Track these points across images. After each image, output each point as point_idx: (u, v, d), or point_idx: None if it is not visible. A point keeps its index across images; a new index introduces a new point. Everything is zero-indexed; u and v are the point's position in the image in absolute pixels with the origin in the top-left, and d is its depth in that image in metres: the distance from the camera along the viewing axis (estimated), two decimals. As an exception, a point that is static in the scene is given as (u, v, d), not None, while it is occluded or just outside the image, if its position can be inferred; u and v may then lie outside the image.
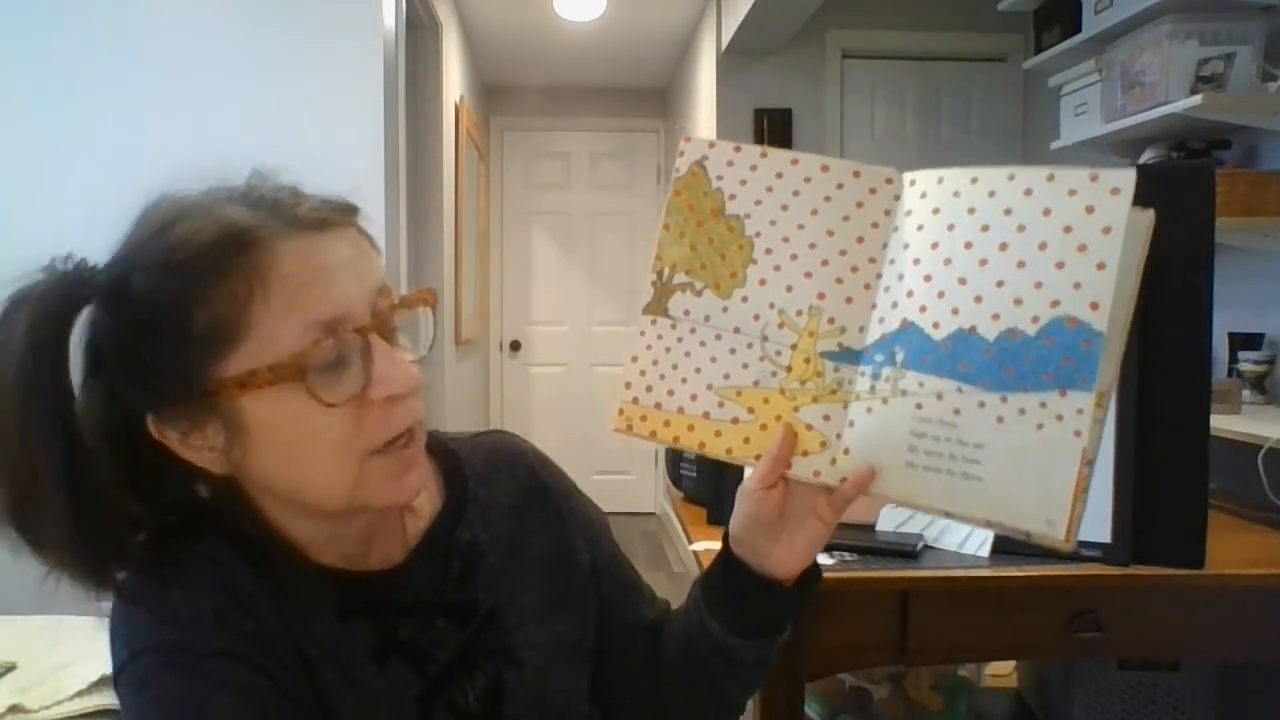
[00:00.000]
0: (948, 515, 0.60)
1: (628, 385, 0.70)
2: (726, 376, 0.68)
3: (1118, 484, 1.08)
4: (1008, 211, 0.59)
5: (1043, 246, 0.57)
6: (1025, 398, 0.57)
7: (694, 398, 0.68)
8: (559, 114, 5.28)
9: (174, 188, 0.62)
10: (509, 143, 5.34)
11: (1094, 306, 0.56)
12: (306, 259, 0.59)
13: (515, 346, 5.36)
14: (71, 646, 1.78)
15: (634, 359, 0.71)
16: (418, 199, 3.32)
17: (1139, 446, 1.07)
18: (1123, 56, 2.35)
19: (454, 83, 3.80)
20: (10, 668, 1.68)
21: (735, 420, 0.67)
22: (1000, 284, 0.58)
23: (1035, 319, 0.57)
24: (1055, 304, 0.57)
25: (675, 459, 1.60)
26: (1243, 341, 2.20)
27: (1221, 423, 1.72)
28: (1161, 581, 1.10)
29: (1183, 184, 1.06)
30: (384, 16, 2.49)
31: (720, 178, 0.69)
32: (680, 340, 0.69)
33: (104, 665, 1.68)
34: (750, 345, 0.67)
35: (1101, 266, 0.56)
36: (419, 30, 3.27)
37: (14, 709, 1.56)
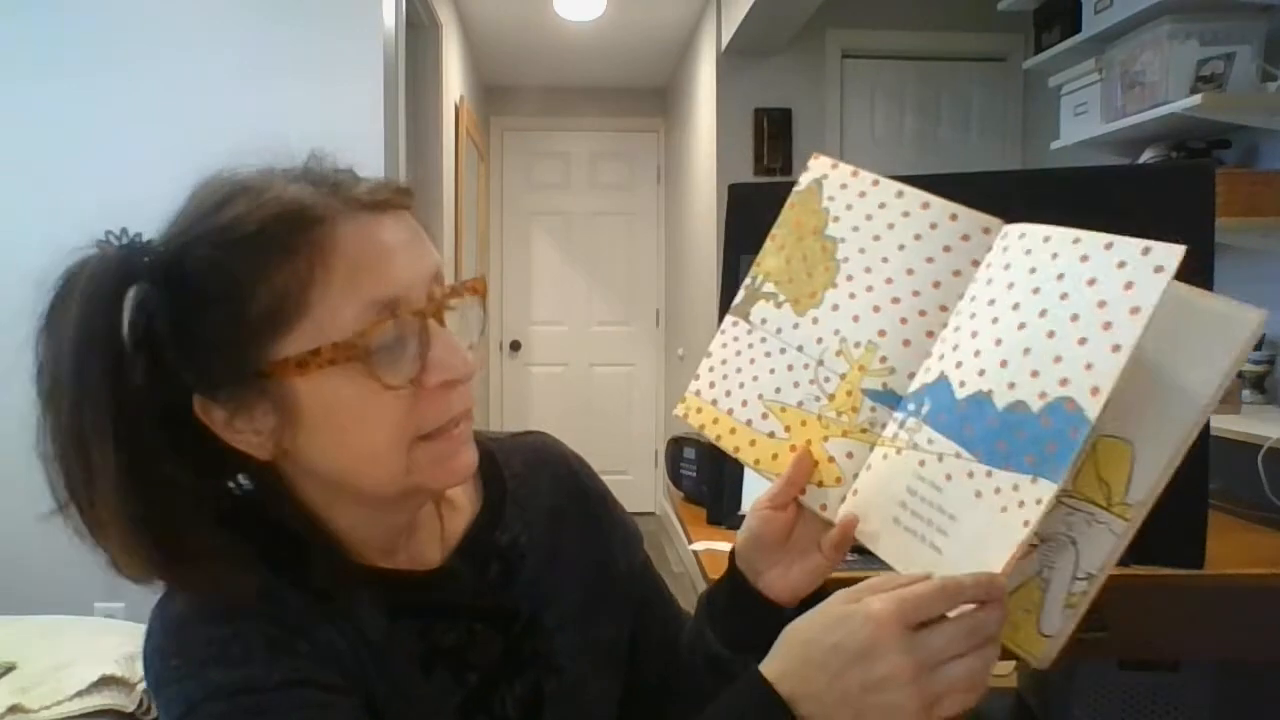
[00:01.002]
0: None
1: (697, 377, 0.72)
2: (778, 390, 0.68)
3: (1118, 484, 1.08)
4: (1060, 276, 0.55)
5: (1074, 319, 0.54)
6: (1005, 476, 0.53)
7: (744, 403, 0.70)
8: (559, 114, 5.28)
9: (229, 166, 0.62)
10: (509, 143, 5.33)
11: (1094, 392, 0.51)
12: (366, 239, 0.59)
13: (515, 346, 5.36)
14: (71, 646, 1.78)
15: (709, 354, 0.73)
16: (417, 199, 3.31)
17: (1139, 446, 1.07)
18: (1123, 56, 2.35)
19: (454, 83, 3.80)
20: (10, 668, 1.68)
21: (772, 435, 0.68)
22: (1026, 352, 0.55)
23: (1043, 395, 0.53)
24: (1064, 382, 0.52)
25: (675, 459, 1.60)
26: (1242, 341, 2.20)
27: (1221, 423, 1.72)
28: (1161, 581, 1.10)
29: (1183, 184, 1.06)
30: (384, 17, 2.49)
31: (831, 198, 0.70)
32: (751, 346, 0.71)
33: (104, 665, 1.69)
34: (806, 366, 0.67)
35: (1116, 349, 0.51)
36: (419, 30, 3.27)
37: (14, 709, 1.55)
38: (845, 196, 0.69)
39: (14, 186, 2.41)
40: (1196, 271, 1.05)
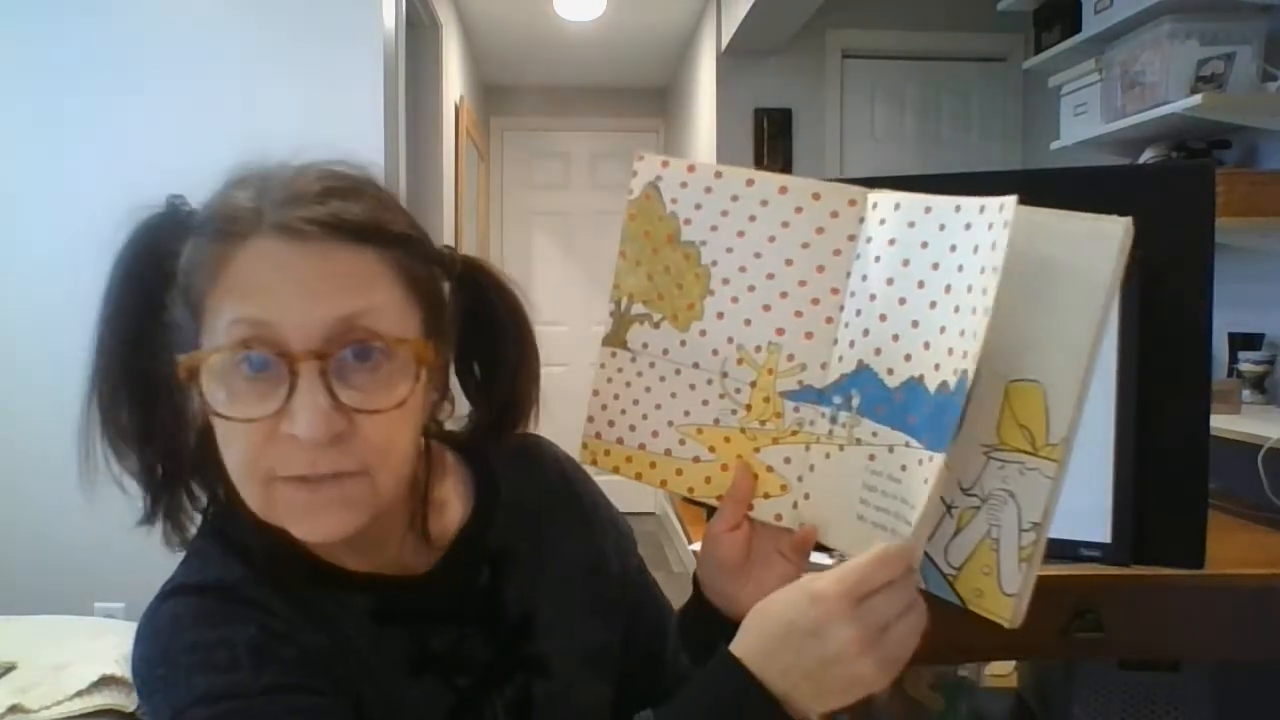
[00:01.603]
0: None
1: (590, 419, 0.68)
2: (687, 413, 0.65)
3: (1118, 484, 1.08)
4: (953, 248, 0.54)
5: (970, 289, 0.52)
6: (941, 457, 0.53)
7: (655, 434, 0.66)
8: (559, 114, 5.28)
9: (258, 153, 0.63)
10: (509, 143, 5.33)
11: (964, 355, 0.51)
12: (261, 262, 0.56)
13: (515, 346, 5.36)
14: (71, 646, 1.78)
15: (595, 392, 0.68)
16: (418, 199, 3.32)
17: (1139, 446, 1.07)
18: (1123, 56, 2.35)
19: (454, 83, 3.80)
20: (10, 668, 1.69)
21: (697, 459, 0.65)
22: (943, 330, 0.54)
23: (956, 371, 0.52)
24: (965, 355, 0.52)
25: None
26: (1243, 341, 2.20)
27: (1221, 423, 1.72)
28: (1161, 581, 1.10)
29: (1183, 184, 1.06)
30: (384, 17, 2.49)
31: (675, 200, 0.64)
32: (640, 374, 0.66)
33: (104, 665, 1.69)
34: (710, 381, 0.64)
35: (986, 312, 0.50)
36: (419, 30, 3.27)
37: (14, 709, 1.55)
38: (690, 195, 0.64)
39: (15, 192, 2.41)
40: (1196, 271, 1.06)
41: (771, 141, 3.64)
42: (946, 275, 0.54)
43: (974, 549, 0.57)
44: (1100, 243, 0.52)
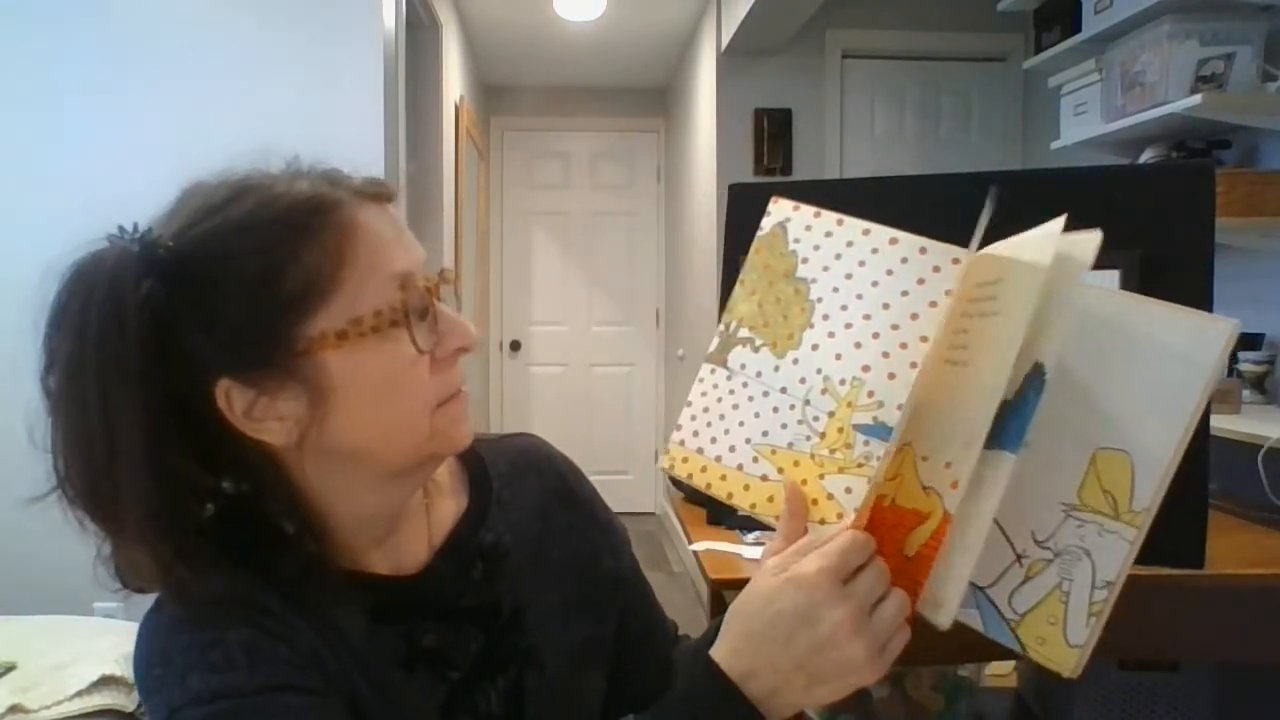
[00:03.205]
0: None
1: (679, 427, 0.72)
2: (765, 434, 0.68)
3: (1118, 484, 1.08)
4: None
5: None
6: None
7: (732, 449, 0.70)
8: (559, 114, 5.28)
9: (217, 170, 0.63)
10: (509, 143, 5.34)
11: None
12: (379, 222, 0.63)
13: (515, 346, 5.36)
14: (71, 646, 1.78)
15: (689, 403, 0.73)
16: (418, 199, 3.32)
17: (1139, 446, 1.07)
18: (1122, 56, 2.35)
19: (454, 83, 3.80)
20: (10, 668, 1.68)
21: (765, 478, 0.68)
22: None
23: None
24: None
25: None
26: (1243, 341, 2.20)
27: (1221, 423, 1.72)
28: (1161, 581, 1.10)
29: (1183, 184, 1.06)
30: (384, 16, 2.49)
31: (797, 240, 0.71)
32: (732, 392, 0.71)
33: (104, 665, 1.69)
34: (793, 407, 0.68)
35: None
36: (419, 30, 3.27)
37: (14, 709, 1.55)
38: (811, 238, 0.70)
39: (11, 191, 2.41)
40: (1196, 271, 1.06)
41: (771, 141, 3.64)
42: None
43: (1042, 599, 0.60)
44: (1208, 337, 0.56)
